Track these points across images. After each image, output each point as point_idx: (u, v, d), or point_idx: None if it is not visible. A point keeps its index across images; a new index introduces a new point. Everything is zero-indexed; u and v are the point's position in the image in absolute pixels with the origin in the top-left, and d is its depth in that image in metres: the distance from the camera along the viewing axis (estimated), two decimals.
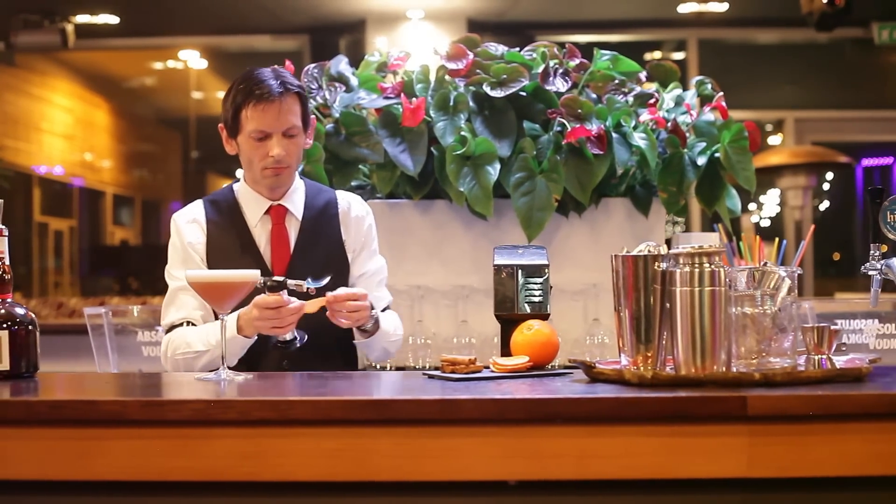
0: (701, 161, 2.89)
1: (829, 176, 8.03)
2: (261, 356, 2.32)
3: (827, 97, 7.21)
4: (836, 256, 8.07)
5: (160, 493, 1.66)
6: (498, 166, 2.78)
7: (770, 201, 7.93)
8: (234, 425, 1.63)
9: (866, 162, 8.37)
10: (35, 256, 8.42)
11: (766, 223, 8.12)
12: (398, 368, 2.93)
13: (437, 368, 1.97)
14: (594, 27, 6.76)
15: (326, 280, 2.18)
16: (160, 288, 8.22)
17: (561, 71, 2.84)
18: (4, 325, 1.96)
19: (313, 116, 2.53)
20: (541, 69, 2.84)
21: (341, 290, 2.21)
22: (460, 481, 1.64)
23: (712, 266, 1.76)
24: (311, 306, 2.18)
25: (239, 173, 2.54)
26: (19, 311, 2.00)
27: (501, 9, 6.53)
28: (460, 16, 6.53)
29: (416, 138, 2.85)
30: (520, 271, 2.03)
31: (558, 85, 2.82)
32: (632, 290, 1.82)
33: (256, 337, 2.25)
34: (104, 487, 1.66)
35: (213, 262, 2.38)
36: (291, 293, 2.19)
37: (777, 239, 2.56)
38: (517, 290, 2.03)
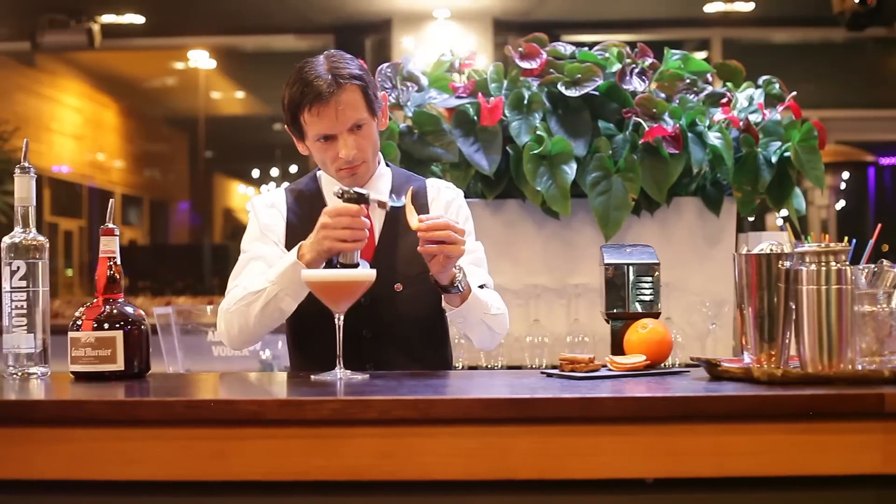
0: (774, 160, 2.91)
1: (846, 175, 8.07)
2: (344, 353, 2.27)
3: (850, 96, 7.24)
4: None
5: (297, 492, 1.65)
6: (574, 165, 2.79)
7: None
8: (374, 424, 1.63)
9: (881, 160, 8.41)
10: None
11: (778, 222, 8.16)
12: (471, 367, 2.94)
13: (555, 367, 1.96)
14: (620, 26, 6.78)
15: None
16: (178, 288, 8.18)
17: (637, 70, 2.85)
18: (118, 325, 1.96)
19: (383, 93, 2.34)
20: (618, 69, 2.85)
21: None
22: (598, 479, 1.64)
23: (839, 264, 1.77)
24: (410, 215, 2.05)
25: None
26: (129, 310, 2.00)
27: (527, 8, 6.54)
28: (486, 15, 6.54)
29: (491, 137, 2.85)
30: (630, 270, 2.04)
31: (635, 84, 2.82)
32: (755, 289, 1.82)
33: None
34: (241, 487, 1.65)
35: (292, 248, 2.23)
36: None
37: (846, 238, 2.57)
38: (628, 288, 2.03)
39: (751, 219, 3.34)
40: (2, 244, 2.03)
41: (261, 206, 2.36)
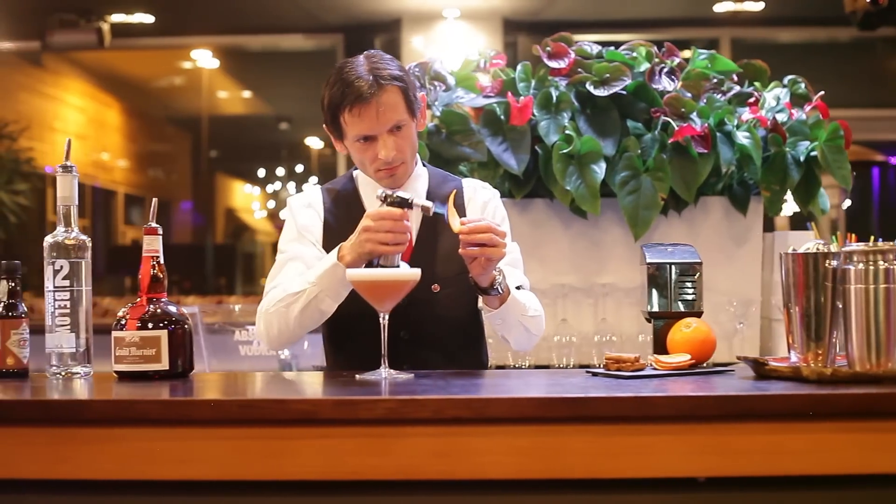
0: (802, 160, 2.91)
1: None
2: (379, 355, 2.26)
3: (860, 96, 7.26)
4: None
5: (351, 492, 1.65)
6: (604, 165, 2.79)
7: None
8: (428, 423, 1.62)
9: (892, 160, 8.43)
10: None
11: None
12: (499, 367, 2.94)
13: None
14: (629, 26, 6.77)
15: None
16: (185, 288, 8.17)
17: (666, 70, 2.85)
18: (161, 325, 1.95)
19: (422, 94, 2.34)
20: (646, 68, 2.85)
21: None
22: (651, 478, 1.64)
23: (887, 263, 1.77)
24: (452, 218, 2.04)
25: None
26: (172, 309, 2.00)
27: (537, 8, 6.54)
28: (496, 15, 6.54)
29: (519, 137, 2.85)
30: (673, 269, 2.04)
31: (665, 84, 2.83)
32: (802, 288, 1.83)
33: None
34: (294, 487, 1.65)
35: (330, 249, 2.22)
36: None
37: (872, 237, 2.58)
38: (671, 288, 2.04)
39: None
40: (44, 243, 2.03)
41: (298, 206, 2.35)
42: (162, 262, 2.01)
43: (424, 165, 2.39)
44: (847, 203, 8.33)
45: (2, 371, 2.01)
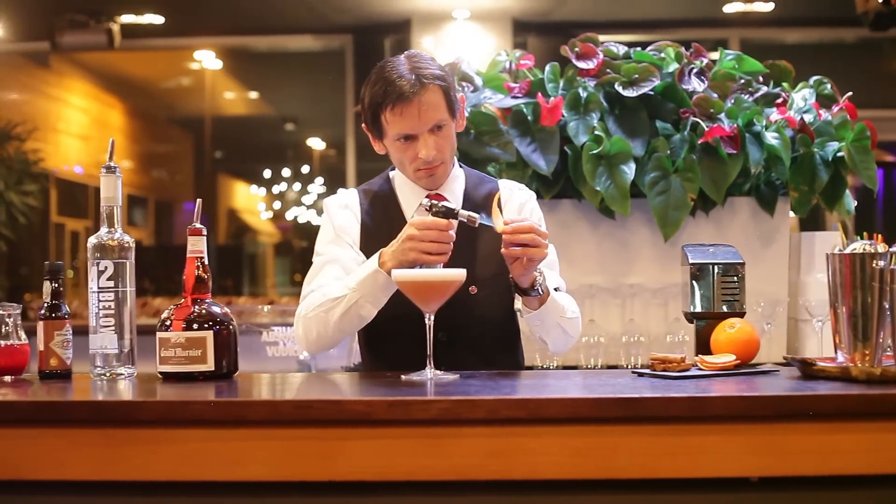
0: (829, 160, 2.92)
1: None
2: (418, 356, 2.20)
3: (868, 96, 7.26)
4: None
5: (405, 492, 1.65)
6: (633, 165, 2.80)
7: None
8: (482, 424, 1.63)
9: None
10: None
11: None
12: (527, 368, 2.94)
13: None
14: (639, 26, 6.79)
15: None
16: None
17: (696, 70, 2.86)
18: (207, 325, 1.95)
19: (461, 94, 2.33)
20: (676, 69, 2.86)
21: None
22: (704, 478, 1.65)
23: None
24: (496, 218, 2.05)
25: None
26: (217, 310, 2.00)
27: (547, 9, 6.55)
28: (505, 16, 6.55)
29: (548, 138, 2.85)
30: (715, 269, 2.04)
31: (694, 84, 2.83)
32: (849, 288, 1.83)
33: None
34: (348, 488, 1.65)
35: (367, 251, 2.25)
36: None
37: None
38: (714, 288, 2.04)
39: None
40: (88, 244, 2.03)
41: (335, 207, 2.34)
42: (206, 262, 2.01)
43: (461, 167, 2.40)
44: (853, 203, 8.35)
45: (45, 372, 2.02)
